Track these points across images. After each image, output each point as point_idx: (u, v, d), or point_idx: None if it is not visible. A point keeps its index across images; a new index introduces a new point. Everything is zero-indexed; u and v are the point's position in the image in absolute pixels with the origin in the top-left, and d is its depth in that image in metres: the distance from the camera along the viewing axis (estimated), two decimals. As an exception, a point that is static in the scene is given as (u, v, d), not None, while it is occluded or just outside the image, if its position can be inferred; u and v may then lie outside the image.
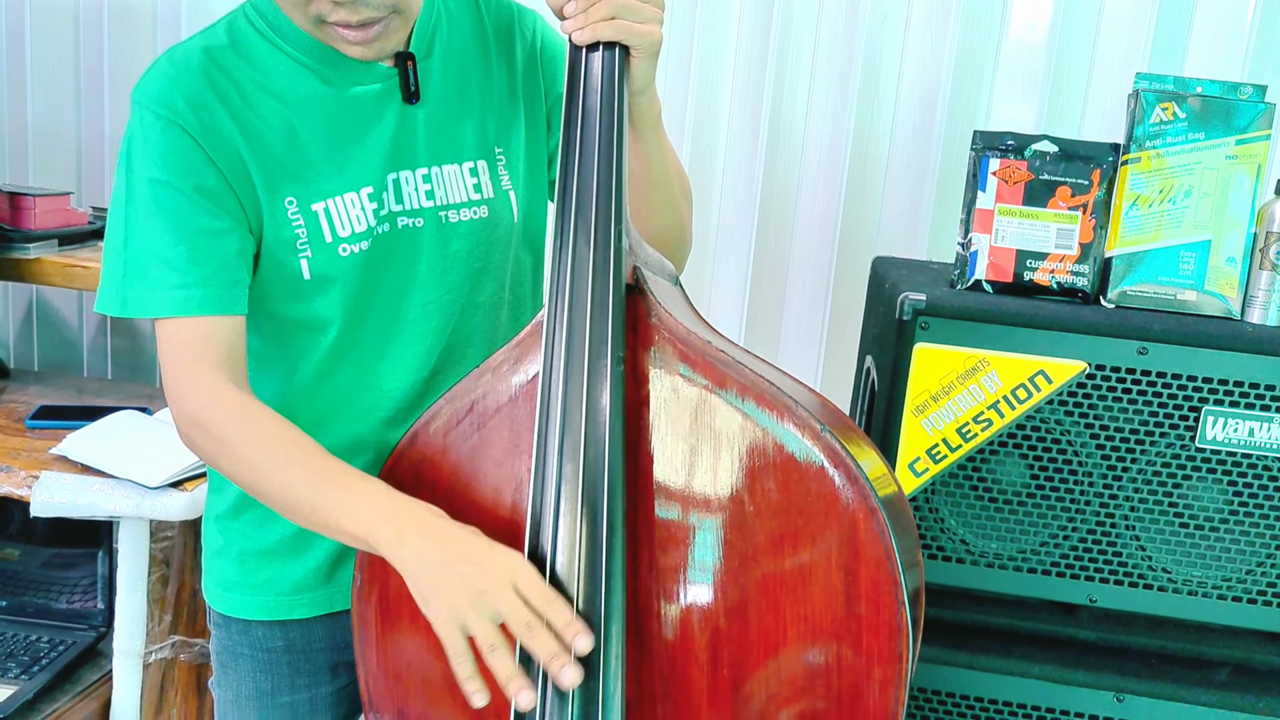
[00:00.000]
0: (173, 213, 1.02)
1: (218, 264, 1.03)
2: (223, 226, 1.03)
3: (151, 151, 1.02)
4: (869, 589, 0.92)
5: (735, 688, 0.95)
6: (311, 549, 1.17)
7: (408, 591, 1.02)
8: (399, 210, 1.11)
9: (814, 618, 0.93)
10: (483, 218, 1.15)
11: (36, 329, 2.44)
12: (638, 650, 0.96)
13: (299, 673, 1.20)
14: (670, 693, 0.96)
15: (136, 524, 1.63)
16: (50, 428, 1.81)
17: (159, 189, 1.02)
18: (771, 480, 0.94)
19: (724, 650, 0.95)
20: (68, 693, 1.63)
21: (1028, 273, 1.37)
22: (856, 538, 0.91)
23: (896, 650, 0.91)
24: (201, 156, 1.02)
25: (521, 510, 0.98)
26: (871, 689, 0.92)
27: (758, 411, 0.94)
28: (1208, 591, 1.33)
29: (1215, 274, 1.34)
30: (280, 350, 1.12)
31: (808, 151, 2.10)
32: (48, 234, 1.97)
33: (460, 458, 1.02)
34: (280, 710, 1.21)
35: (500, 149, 1.17)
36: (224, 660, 1.23)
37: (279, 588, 1.18)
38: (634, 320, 0.98)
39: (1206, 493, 1.32)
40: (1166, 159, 1.32)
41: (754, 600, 0.94)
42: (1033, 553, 1.36)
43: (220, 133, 1.03)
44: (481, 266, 1.16)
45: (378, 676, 1.06)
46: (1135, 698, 1.35)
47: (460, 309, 1.15)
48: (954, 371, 1.32)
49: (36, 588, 1.83)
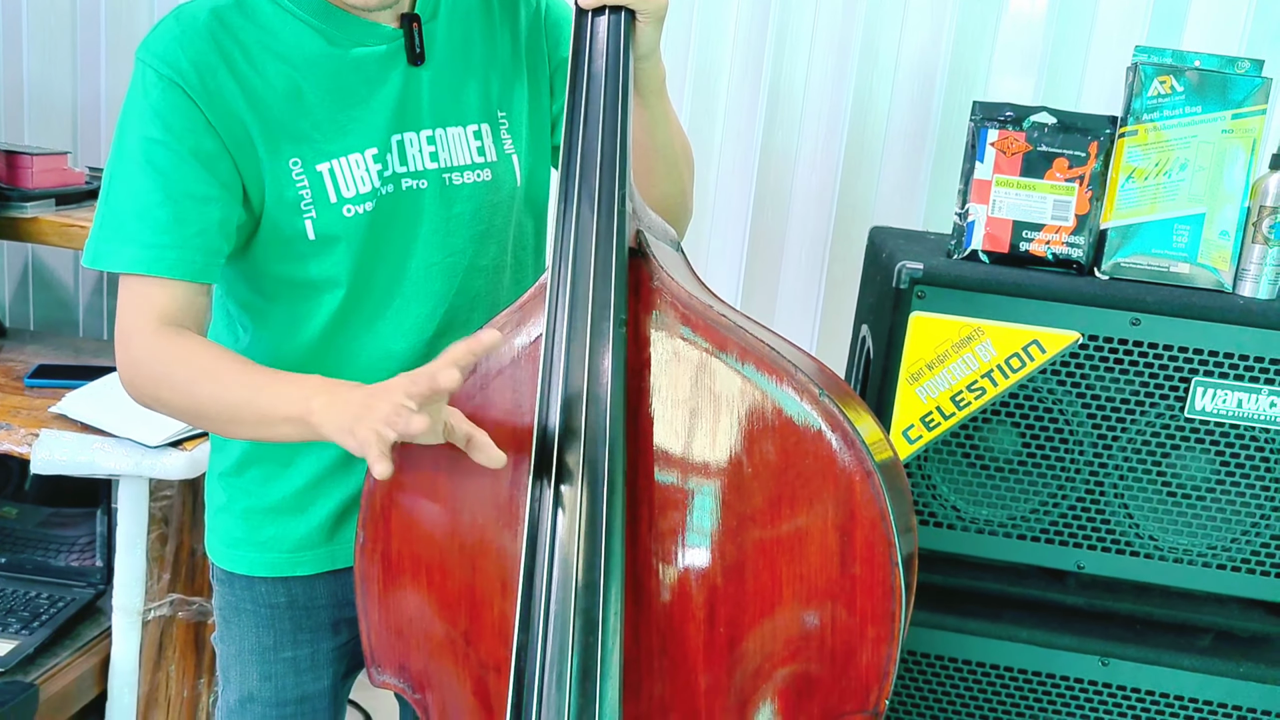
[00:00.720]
0: (164, 172, 1.02)
1: (198, 229, 1.03)
2: (211, 193, 1.03)
3: (151, 110, 1.03)
4: (864, 550, 0.94)
5: (732, 645, 0.97)
6: (314, 507, 1.18)
7: (408, 550, 1.04)
8: (403, 171, 1.11)
9: (809, 577, 0.95)
10: (486, 181, 1.16)
11: (32, 289, 2.44)
12: (636, 607, 0.98)
13: (301, 628, 1.22)
14: (668, 649, 0.98)
15: (136, 482, 1.64)
16: (49, 386, 1.82)
17: (154, 147, 1.02)
18: (770, 443, 0.95)
19: (721, 608, 0.97)
20: (67, 648, 1.65)
21: (1024, 243, 1.38)
22: (852, 500, 0.93)
23: (890, 610, 0.94)
24: (200, 119, 1.02)
25: (523, 470, 1.00)
26: (865, 648, 0.95)
27: (757, 375, 0.95)
28: (1193, 559, 1.36)
29: (1208, 247, 1.35)
30: (285, 311, 1.13)
31: (806, 121, 2.10)
32: (45, 193, 1.97)
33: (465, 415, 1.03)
34: (282, 664, 1.23)
35: (503, 113, 1.18)
36: (227, 615, 1.24)
37: (282, 545, 1.19)
38: (636, 284, 0.99)
39: (1194, 462, 1.34)
40: (1163, 132, 1.33)
41: (751, 560, 0.96)
42: (1023, 519, 1.38)
43: (223, 95, 1.03)
44: (484, 229, 1.17)
45: (379, 632, 1.08)
46: (1120, 662, 1.38)
47: (463, 271, 1.16)
48: (949, 340, 1.33)
49: (35, 545, 1.84)
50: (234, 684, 1.25)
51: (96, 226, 1.06)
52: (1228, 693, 1.36)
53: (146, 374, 1.05)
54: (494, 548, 1.01)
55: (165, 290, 1.04)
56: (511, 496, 1.01)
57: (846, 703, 0.96)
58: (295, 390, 0.98)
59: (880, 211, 2.10)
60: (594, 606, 0.94)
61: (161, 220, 1.02)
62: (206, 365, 1.02)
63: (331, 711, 1.28)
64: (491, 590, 1.02)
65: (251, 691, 1.24)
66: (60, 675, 1.60)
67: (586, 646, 0.95)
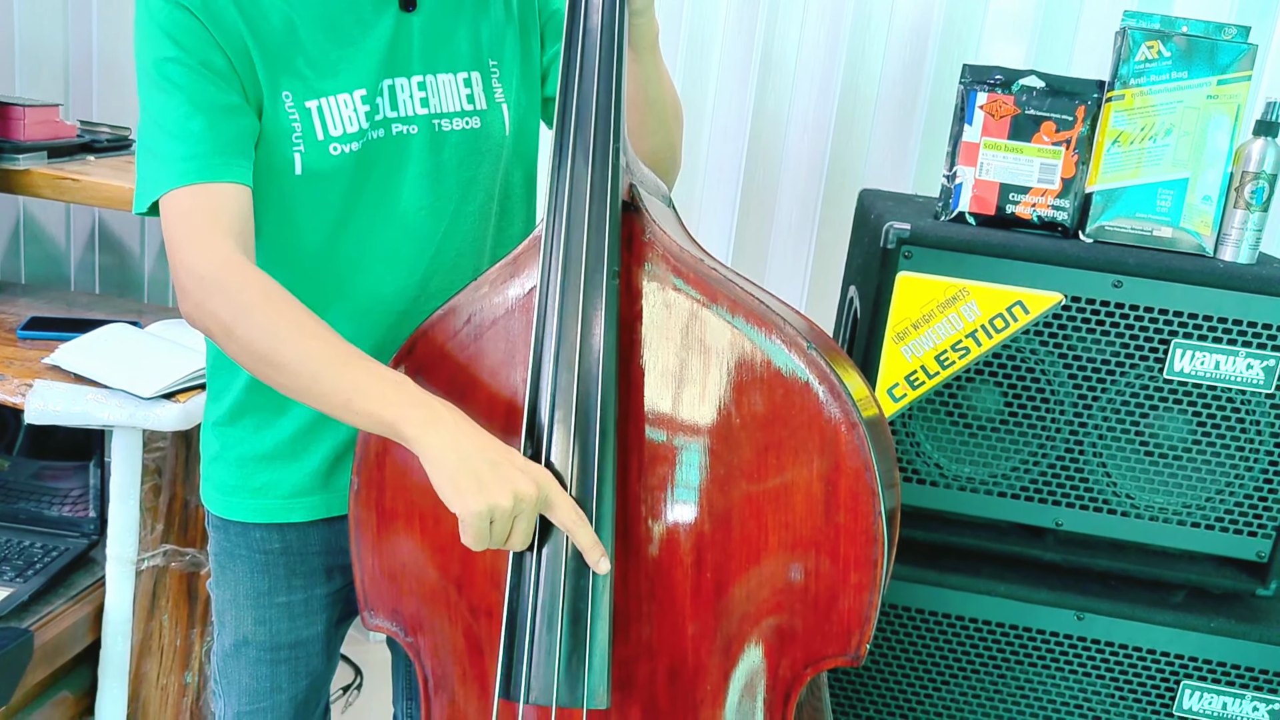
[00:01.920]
0: (185, 87, 1.02)
1: (234, 134, 1.04)
2: (234, 102, 1.04)
3: (160, 31, 1.03)
4: (848, 499, 0.96)
5: (719, 590, 1.00)
6: (308, 454, 1.20)
7: (402, 496, 1.06)
8: (394, 116, 1.13)
9: (795, 525, 0.98)
10: (475, 128, 1.17)
11: (23, 243, 2.43)
12: (625, 553, 1.01)
13: (295, 574, 1.24)
14: (655, 593, 1.01)
15: (129, 434, 1.66)
16: (42, 338, 1.82)
17: (169, 65, 1.02)
18: (758, 394, 0.98)
19: (708, 555, 1.00)
20: (61, 596, 1.67)
21: (1010, 206, 1.40)
22: (838, 450, 0.96)
23: (872, 557, 0.96)
24: (207, 35, 1.03)
25: (516, 419, 1.02)
26: (847, 594, 0.98)
27: (747, 327, 0.98)
28: (1168, 518, 1.39)
29: (1191, 211, 1.38)
30: (271, 248, 1.13)
31: (799, 84, 2.11)
32: (37, 145, 1.96)
33: (457, 368, 1.05)
34: (276, 609, 1.25)
35: (494, 61, 1.19)
36: (222, 561, 1.26)
37: (276, 491, 1.21)
38: (629, 237, 1.01)
39: (1172, 422, 1.37)
40: (1149, 97, 1.35)
41: (738, 508, 0.99)
42: (1004, 477, 1.41)
43: (225, 17, 1.05)
44: (472, 176, 1.18)
45: (373, 576, 1.10)
46: (1095, 616, 1.41)
47: (449, 216, 1.17)
48: (934, 300, 1.36)
49: (29, 496, 1.85)
50: (229, 628, 1.27)
51: (139, 168, 1.05)
52: (1199, 647, 1.40)
53: (225, 300, 0.99)
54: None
55: (213, 196, 1.01)
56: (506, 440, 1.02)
57: (829, 647, 0.99)
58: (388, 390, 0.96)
59: (871, 175, 2.12)
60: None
61: (195, 132, 1.02)
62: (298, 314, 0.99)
63: (324, 656, 1.31)
64: None
65: (246, 636, 1.26)
66: (54, 622, 1.62)
67: (577, 589, 0.97)
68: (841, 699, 1.49)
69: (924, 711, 1.47)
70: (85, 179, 1.92)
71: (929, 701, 1.47)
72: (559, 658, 0.97)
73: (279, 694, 1.28)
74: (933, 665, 1.46)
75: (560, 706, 0.99)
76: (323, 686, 1.34)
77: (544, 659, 0.98)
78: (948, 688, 1.46)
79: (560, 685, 0.98)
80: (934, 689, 1.47)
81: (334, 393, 0.97)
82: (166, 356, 1.72)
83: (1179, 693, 1.42)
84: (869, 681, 1.48)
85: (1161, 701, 1.42)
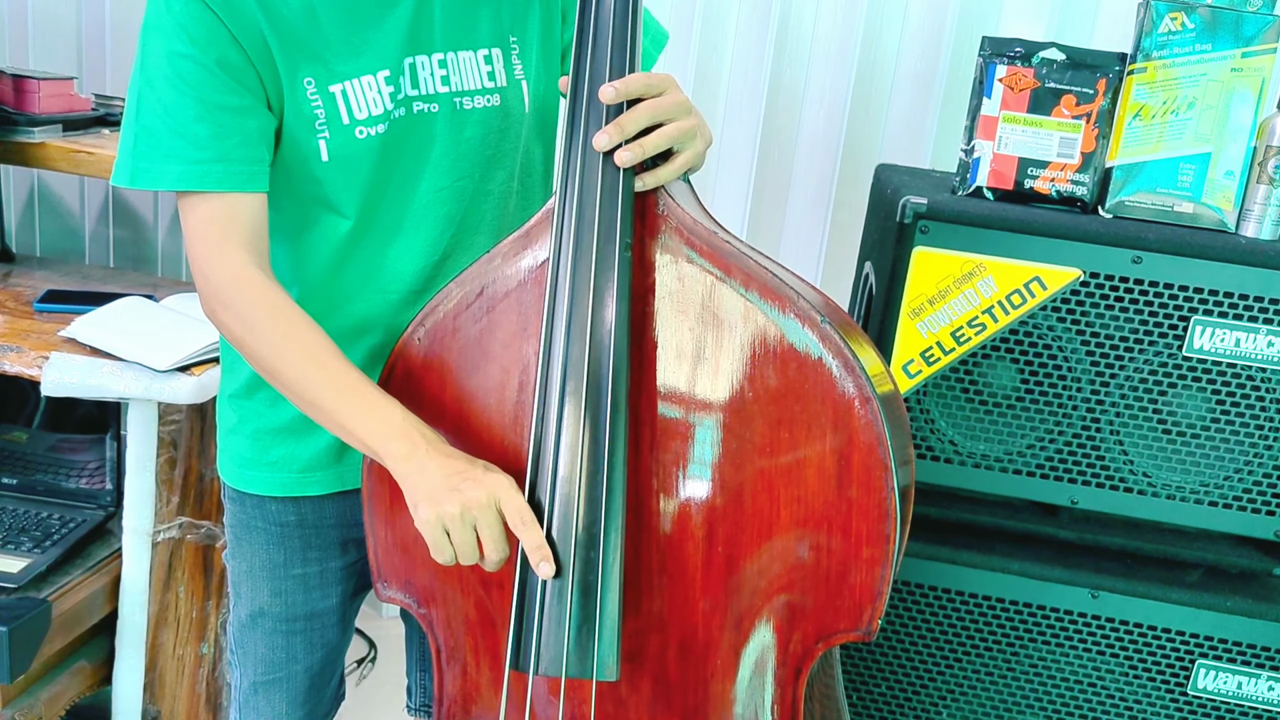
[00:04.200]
0: (195, 86, 1.03)
1: (239, 139, 1.04)
2: (244, 103, 1.04)
3: (174, 23, 1.03)
4: (860, 474, 0.96)
5: (730, 564, 1.00)
6: (321, 428, 1.20)
7: None
8: (415, 95, 1.12)
9: (807, 500, 0.97)
10: (495, 106, 1.17)
11: (39, 215, 2.44)
12: (636, 526, 1.01)
13: (310, 546, 1.25)
14: (667, 566, 1.01)
15: (145, 406, 1.66)
16: (58, 311, 1.83)
17: (181, 62, 1.03)
18: (771, 368, 0.97)
19: (720, 529, 0.99)
20: (79, 567, 1.68)
21: (1028, 180, 1.38)
22: (851, 424, 0.95)
23: (884, 532, 0.96)
24: (223, 30, 1.03)
25: (527, 391, 1.02)
26: (859, 569, 0.97)
27: (761, 301, 0.97)
28: (1185, 496, 1.38)
29: (1213, 187, 1.36)
30: (298, 231, 1.14)
31: (815, 58, 2.09)
32: (52, 118, 1.96)
33: (469, 339, 1.04)
34: (292, 581, 1.26)
35: (514, 38, 1.18)
36: (238, 533, 1.27)
37: (291, 465, 1.22)
38: (642, 209, 1.00)
39: (1190, 400, 1.36)
40: (1172, 70, 1.33)
41: (750, 482, 0.98)
42: (1019, 455, 1.40)
43: (242, 8, 1.04)
44: (493, 154, 1.18)
45: (386, 548, 1.10)
46: (1109, 595, 1.41)
47: (471, 195, 1.17)
48: (951, 276, 1.34)
49: (46, 468, 1.87)
50: (245, 600, 1.28)
51: (131, 143, 1.06)
52: (1214, 626, 1.40)
53: (234, 317, 1.06)
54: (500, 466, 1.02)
55: (222, 205, 1.05)
56: (516, 419, 1.03)
57: (840, 621, 0.99)
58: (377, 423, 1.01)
59: (888, 151, 2.10)
60: (595, 523, 0.97)
61: (201, 136, 1.03)
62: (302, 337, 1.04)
63: (340, 629, 1.31)
64: None
65: (262, 607, 1.27)
66: (72, 593, 1.63)
67: (587, 561, 0.97)
68: (854, 675, 1.49)
69: (936, 689, 1.47)
70: (100, 152, 1.92)
71: (941, 679, 1.47)
72: (569, 629, 0.97)
73: (294, 664, 1.29)
74: (945, 642, 1.46)
75: (570, 678, 0.99)
76: (337, 658, 1.35)
77: (554, 630, 0.98)
78: (960, 665, 1.46)
79: (570, 657, 0.98)
80: (946, 666, 1.46)
81: (329, 417, 1.04)
82: (181, 330, 1.72)
83: (1194, 672, 1.41)
84: (882, 658, 1.48)
85: (1176, 680, 1.42)
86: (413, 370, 1.06)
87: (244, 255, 1.05)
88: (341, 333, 1.14)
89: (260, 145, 1.06)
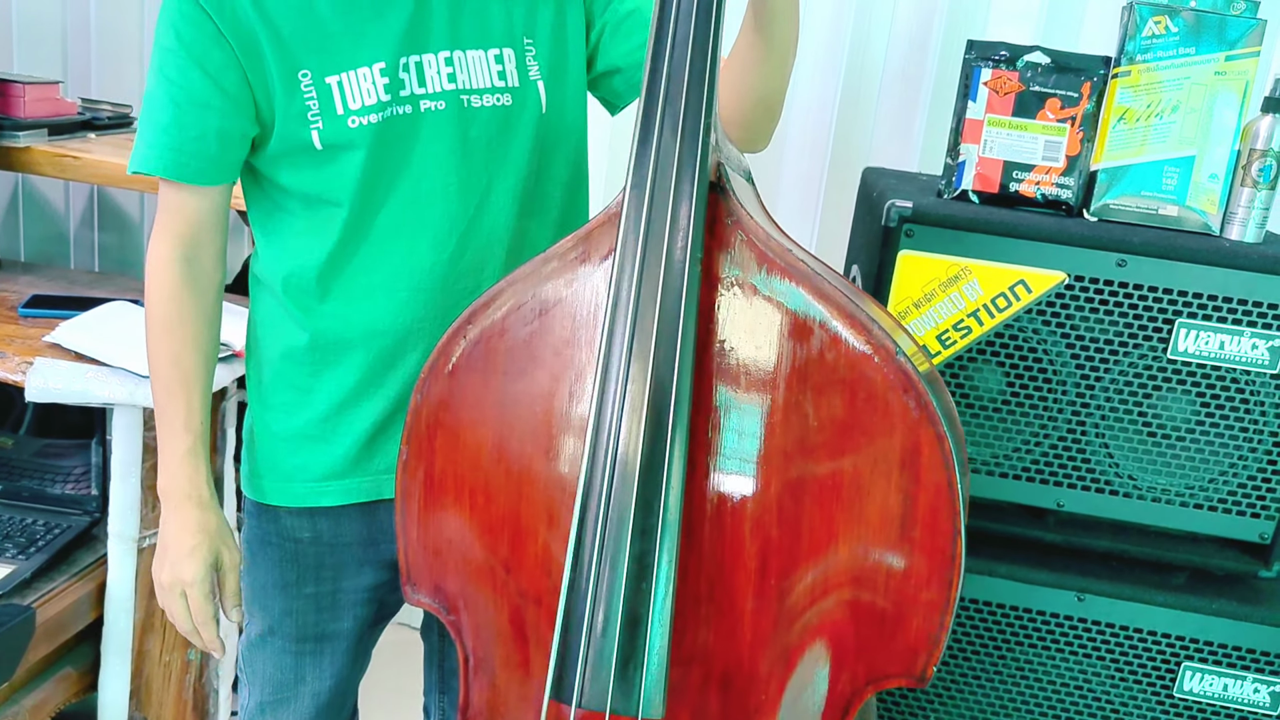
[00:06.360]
0: (172, 79, 1.09)
1: (196, 134, 1.10)
2: (212, 102, 1.09)
3: (168, 20, 1.09)
4: (926, 515, 0.90)
5: (780, 598, 0.95)
6: (337, 435, 1.19)
7: (452, 470, 1.03)
8: (421, 93, 1.12)
9: (868, 537, 0.92)
10: (505, 105, 1.15)
11: (23, 220, 2.43)
12: (687, 551, 0.96)
13: (324, 565, 1.23)
14: (715, 595, 0.96)
15: (130, 411, 1.66)
16: (43, 316, 1.82)
17: (167, 56, 1.09)
18: (838, 396, 0.92)
19: (773, 560, 0.95)
20: (64, 573, 1.67)
21: (1014, 184, 1.39)
22: (919, 463, 0.90)
23: (947, 577, 0.91)
24: (211, 28, 1.06)
25: (578, 401, 0.97)
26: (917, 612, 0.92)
27: (834, 324, 0.91)
28: (1170, 499, 1.38)
29: (1197, 190, 1.36)
30: (306, 225, 1.14)
31: (803, 61, 2.09)
32: (38, 123, 1.96)
33: (518, 342, 0.99)
34: (304, 600, 1.24)
35: (529, 39, 1.17)
36: (253, 549, 1.26)
37: (307, 474, 1.20)
38: (712, 220, 0.94)
39: (1175, 403, 1.36)
40: (1156, 73, 1.33)
41: (808, 514, 0.93)
42: (1005, 458, 1.40)
43: (237, 10, 1.07)
44: (503, 154, 1.16)
45: (416, 550, 1.05)
46: (1096, 598, 1.41)
47: (480, 194, 1.16)
48: (936, 279, 1.34)
49: (31, 474, 1.85)
50: (257, 618, 1.27)
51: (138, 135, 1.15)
52: (1200, 629, 1.40)
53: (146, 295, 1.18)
54: (543, 478, 0.98)
55: (170, 193, 1.14)
56: (565, 432, 0.98)
57: (893, 665, 0.94)
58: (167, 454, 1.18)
59: (876, 154, 2.10)
60: (649, 552, 0.93)
61: (163, 123, 1.10)
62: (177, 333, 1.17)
63: (351, 656, 1.29)
64: (537, 520, 0.99)
65: (272, 625, 1.26)
66: (57, 599, 1.62)
67: (639, 588, 0.92)
68: (841, 679, 1.49)
69: (923, 692, 1.47)
70: (86, 156, 1.91)
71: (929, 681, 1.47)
72: (614, 663, 0.93)
73: (302, 686, 1.27)
74: (932, 646, 1.45)
75: (614, 713, 0.94)
76: (349, 691, 1.33)
77: (599, 663, 0.93)
78: (947, 668, 1.46)
79: (615, 691, 0.93)
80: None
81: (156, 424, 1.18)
82: (166, 335, 1.71)
83: (1180, 674, 1.41)
84: (868, 661, 1.48)
85: (1163, 683, 1.42)
86: (456, 368, 1.01)
87: (173, 244, 1.14)
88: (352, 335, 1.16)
89: (216, 144, 1.10)
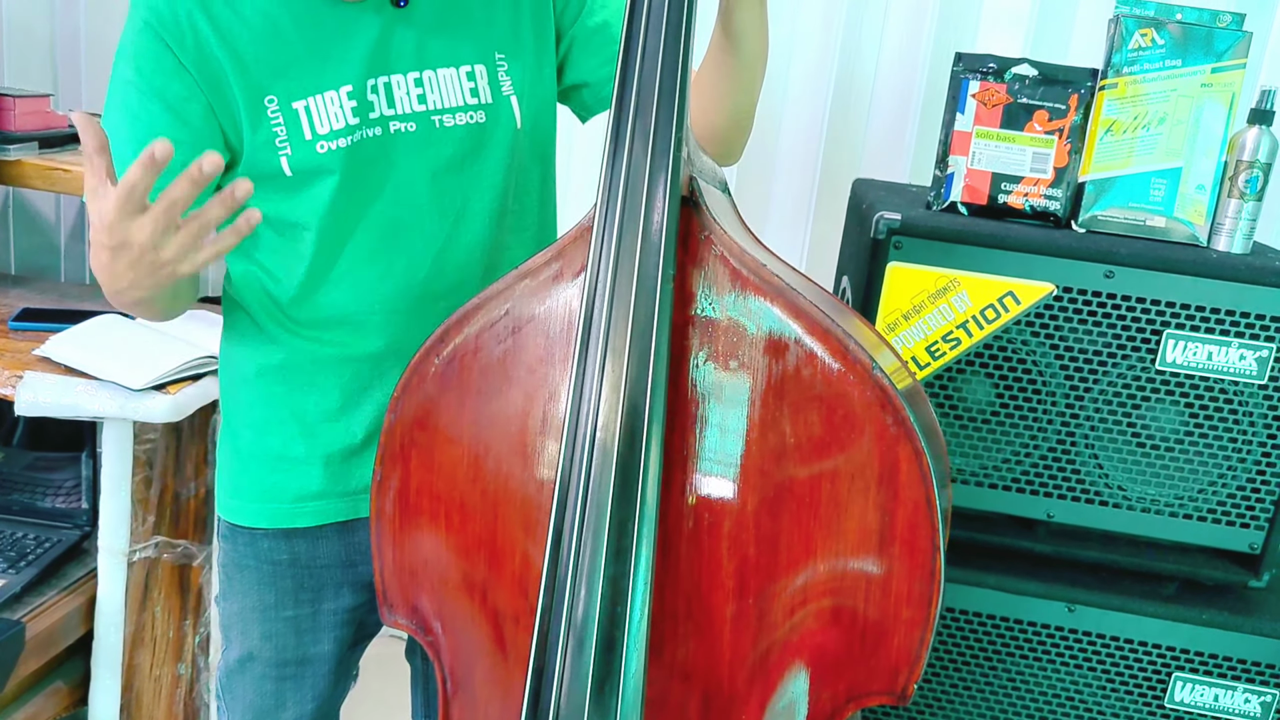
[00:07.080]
0: (133, 114, 1.06)
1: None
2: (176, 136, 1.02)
3: (127, 52, 1.06)
4: (905, 532, 0.90)
5: (759, 616, 0.94)
6: (313, 455, 1.19)
7: (427, 489, 1.02)
8: (390, 115, 1.11)
9: (846, 554, 0.92)
10: (479, 123, 1.14)
11: (13, 233, 2.43)
12: (664, 570, 0.95)
13: (302, 587, 1.23)
14: (693, 614, 0.96)
15: (120, 425, 1.65)
16: (33, 329, 1.82)
17: (126, 88, 1.06)
18: (815, 413, 0.91)
19: (752, 577, 0.94)
20: (54, 587, 1.67)
21: (1002, 195, 1.39)
22: (897, 480, 0.90)
23: (926, 594, 0.91)
24: (172, 61, 1.04)
25: (553, 419, 0.96)
26: (898, 629, 0.92)
27: (809, 342, 0.91)
28: (1160, 509, 1.39)
29: (1184, 201, 1.37)
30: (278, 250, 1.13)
31: (793, 73, 2.10)
32: (28, 136, 1.96)
33: (492, 360, 0.98)
34: (283, 623, 1.23)
35: (501, 55, 1.16)
36: (230, 572, 1.25)
37: (283, 495, 1.20)
38: (685, 234, 0.92)
39: (1164, 414, 1.36)
40: (1142, 85, 1.34)
41: (786, 530, 0.93)
42: (994, 469, 1.40)
43: (196, 36, 1.04)
44: (477, 172, 1.16)
45: (392, 571, 1.05)
46: (1086, 609, 1.41)
47: (456, 214, 1.15)
48: (925, 291, 1.35)
49: (21, 488, 1.85)
50: (235, 643, 1.26)
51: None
52: (1191, 639, 1.40)
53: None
54: (519, 496, 0.98)
55: None
56: (539, 452, 0.97)
57: (873, 682, 0.94)
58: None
59: (866, 165, 2.10)
60: (623, 576, 0.92)
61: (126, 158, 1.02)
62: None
63: (332, 679, 1.28)
64: (513, 539, 0.99)
65: (252, 650, 1.24)
66: (47, 614, 1.62)
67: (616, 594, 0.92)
68: (833, 691, 1.49)
69: (913, 703, 1.47)
70: (76, 169, 1.91)
71: (917, 694, 1.47)
72: (589, 685, 0.92)
73: (283, 711, 1.26)
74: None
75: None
76: (331, 713, 1.32)
77: (574, 684, 0.93)
78: (937, 680, 1.46)
79: (590, 714, 0.93)
80: (923, 681, 1.46)
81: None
82: (157, 348, 1.71)
83: (1170, 685, 1.41)
84: (860, 673, 1.48)
85: (1154, 694, 1.42)
86: (430, 386, 1.01)
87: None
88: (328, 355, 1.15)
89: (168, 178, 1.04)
